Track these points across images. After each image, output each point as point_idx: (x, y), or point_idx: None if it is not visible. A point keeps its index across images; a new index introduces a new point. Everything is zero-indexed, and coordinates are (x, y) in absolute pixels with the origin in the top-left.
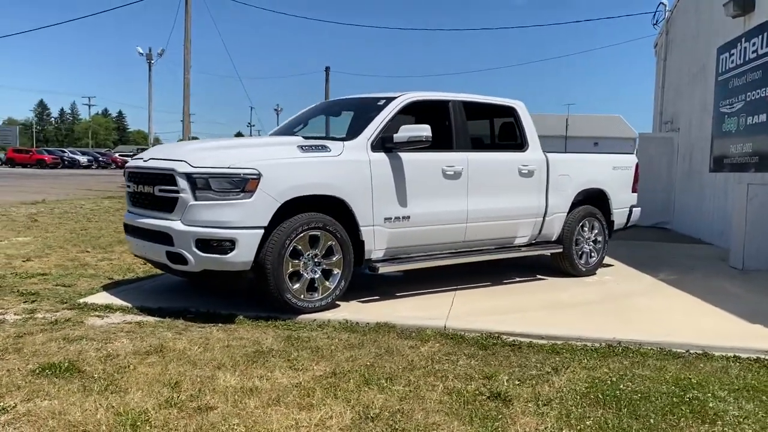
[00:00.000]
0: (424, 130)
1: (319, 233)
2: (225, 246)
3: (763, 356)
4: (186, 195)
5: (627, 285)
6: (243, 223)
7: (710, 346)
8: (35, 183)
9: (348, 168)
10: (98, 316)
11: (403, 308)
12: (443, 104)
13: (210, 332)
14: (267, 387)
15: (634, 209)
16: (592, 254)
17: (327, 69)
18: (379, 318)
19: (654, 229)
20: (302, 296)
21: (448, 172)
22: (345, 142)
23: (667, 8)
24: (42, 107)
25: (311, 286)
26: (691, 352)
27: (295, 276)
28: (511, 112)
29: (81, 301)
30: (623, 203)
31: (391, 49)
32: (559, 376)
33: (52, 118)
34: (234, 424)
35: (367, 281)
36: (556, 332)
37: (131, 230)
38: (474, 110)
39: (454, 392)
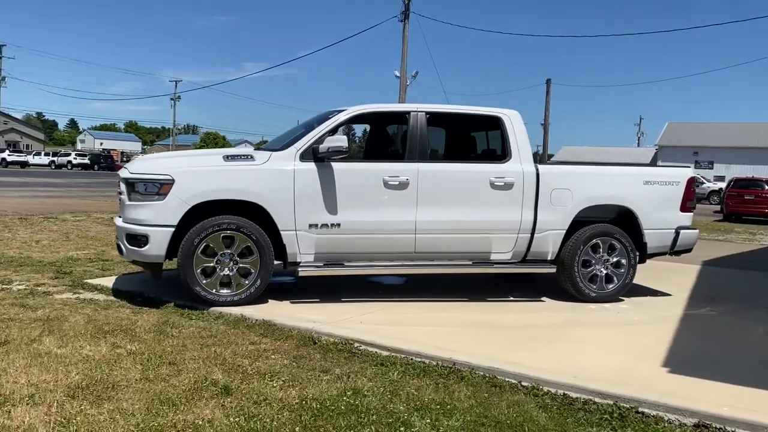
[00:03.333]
0: (342, 141)
1: (234, 234)
2: (141, 240)
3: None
4: (124, 196)
5: (630, 316)
6: (155, 222)
7: (545, 381)
8: None
9: (269, 176)
10: (72, 292)
11: (315, 312)
12: (399, 116)
13: (118, 311)
14: (65, 353)
15: (683, 231)
16: (612, 279)
17: (548, 81)
18: (273, 317)
19: None
20: (213, 290)
21: (391, 182)
22: (273, 153)
23: None
24: None
25: (225, 282)
26: (522, 383)
27: (209, 271)
28: (496, 122)
29: (81, 281)
30: (663, 224)
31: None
32: (317, 383)
33: None
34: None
35: (335, 287)
36: (407, 347)
37: None
38: (447, 121)
39: (200, 378)
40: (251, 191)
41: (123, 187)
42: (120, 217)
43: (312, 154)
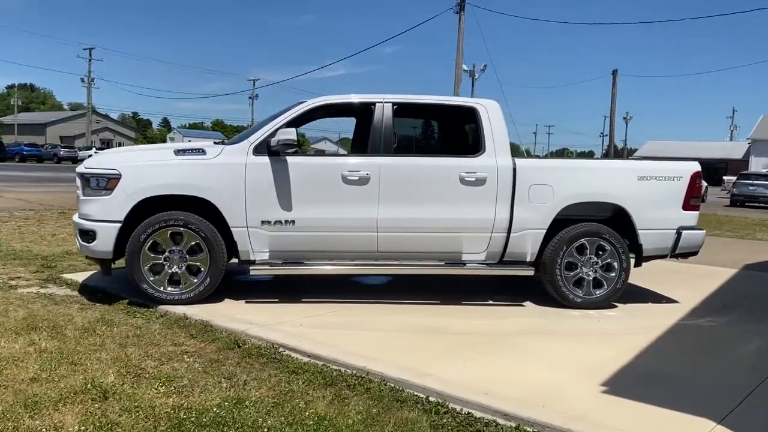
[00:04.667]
0: (290, 134)
1: (182, 231)
2: (90, 236)
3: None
4: (79, 191)
5: (610, 325)
6: (102, 217)
7: (452, 396)
8: None
9: (218, 170)
10: (40, 287)
11: (261, 313)
12: (363, 107)
13: (67, 307)
14: None
15: (686, 232)
16: (602, 283)
17: (614, 72)
18: (214, 317)
19: None
20: (161, 288)
21: (350, 178)
22: (226, 146)
23: None
24: None
25: (174, 280)
26: (429, 398)
27: (158, 269)
28: (471, 114)
29: (55, 275)
30: (662, 223)
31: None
32: (209, 391)
33: None
34: None
35: (306, 286)
36: (326, 353)
37: None
38: (417, 112)
39: (88, 380)
40: (199, 186)
41: (78, 181)
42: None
43: (266, 148)
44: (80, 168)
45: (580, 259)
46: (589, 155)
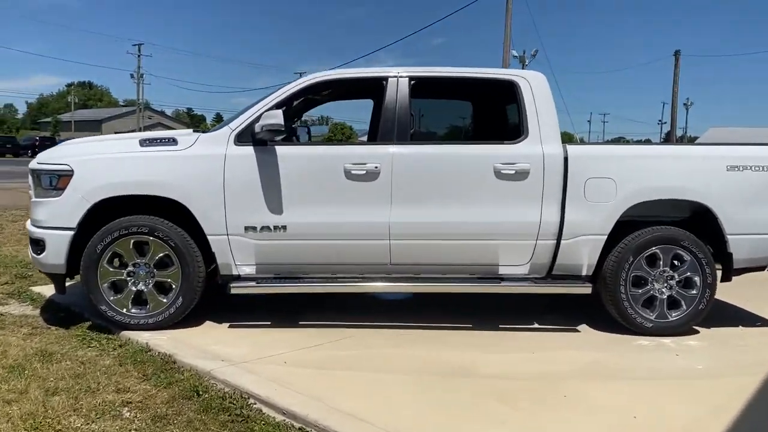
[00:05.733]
0: (276, 118)
1: (147, 239)
2: (40, 246)
3: None
4: (32, 192)
5: (694, 361)
6: (51, 223)
7: None
8: None
9: (192, 165)
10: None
11: (242, 342)
12: (371, 84)
13: (14, 331)
14: None
15: None
16: (679, 303)
17: (677, 53)
18: (181, 350)
19: None
20: (124, 309)
21: (355, 171)
22: (201, 135)
23: None
24: None
25: (140, 299)
26: None
27: (120, 286)
28: (509, 89)
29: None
30: (759, 226)
31: None
32: None
33: None
34: None
35: (314, 303)
36: (303, 411)
37: None
38: (440, 88)
39: None
40: (168, 184)
41: (30, 179)
42: None
43: (251, 136)
44: (32, 163)
45: (651, 272)
46: (646, 144)
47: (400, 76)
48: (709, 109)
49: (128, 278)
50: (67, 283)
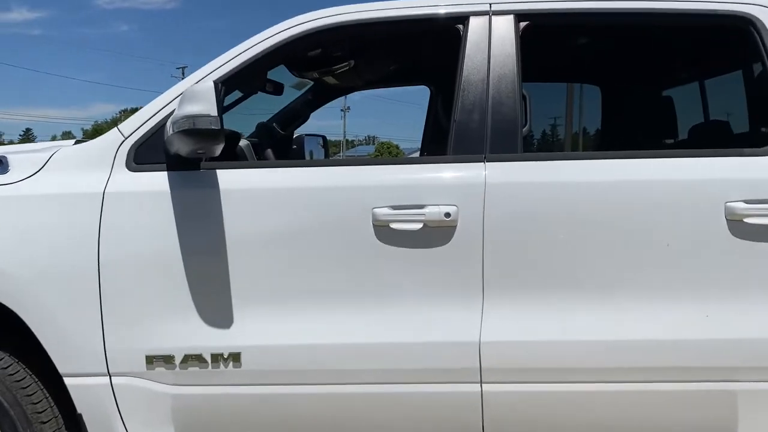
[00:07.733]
0: (201, 98)
1: None
2: None
3: None
4: None
5: None
6: None
7: None
8: None
9: (29, 218)
10: None
11: None
12: (434, 35)
13: None
14: None
15: None
16: None
17: None
18: None
19: None
20: None
21: (396, 226)
22: (63, 149)
23: None
24: None
25: None
26: None
27: None
28: (742, 36)
29: None
30: None
31: None
32: None
33: None
34: None
35: None
36: None
37: None
38: (589, 38)
39: None
40: None
41: None
42: None
43: (165, 151)
44: None
45: None
46: None
47: (495, 13)
48: None
49: None
50: None
